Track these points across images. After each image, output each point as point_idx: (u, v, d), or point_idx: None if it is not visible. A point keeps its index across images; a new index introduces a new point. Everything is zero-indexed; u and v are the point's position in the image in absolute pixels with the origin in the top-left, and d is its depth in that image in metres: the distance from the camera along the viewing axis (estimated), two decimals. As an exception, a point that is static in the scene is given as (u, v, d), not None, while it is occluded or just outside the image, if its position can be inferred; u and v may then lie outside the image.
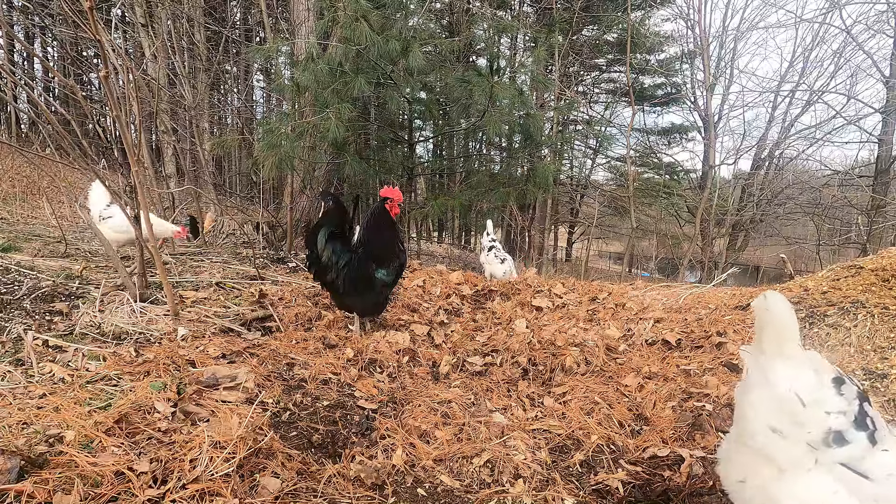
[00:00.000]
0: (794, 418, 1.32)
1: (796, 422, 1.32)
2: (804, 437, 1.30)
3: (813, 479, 1.29)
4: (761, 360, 1.42)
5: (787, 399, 1.33)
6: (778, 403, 1.34)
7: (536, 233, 14.05)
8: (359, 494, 1.82)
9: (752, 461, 1.41)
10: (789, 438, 1.32)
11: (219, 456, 1.75)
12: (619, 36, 15.77)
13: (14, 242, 4.69)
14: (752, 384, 1.43)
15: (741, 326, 3.46)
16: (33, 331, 2.70)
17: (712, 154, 13.21)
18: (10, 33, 9.53)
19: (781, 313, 1.37)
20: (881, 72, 13.53)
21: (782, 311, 1.37)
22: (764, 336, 1.41)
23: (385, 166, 7.80)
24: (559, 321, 3.75)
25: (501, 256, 4.93)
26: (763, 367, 1.40)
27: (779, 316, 1.37)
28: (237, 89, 15.99)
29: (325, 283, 3.34)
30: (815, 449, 1.29)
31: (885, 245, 10.11)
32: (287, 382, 2.59)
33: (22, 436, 1.74)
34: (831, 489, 1.27)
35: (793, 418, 1.32)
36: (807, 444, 1.30)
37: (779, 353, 1.38)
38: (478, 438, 2.24)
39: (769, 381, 1.37)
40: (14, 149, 8.69)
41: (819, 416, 1.29)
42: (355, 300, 3.33)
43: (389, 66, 6.70)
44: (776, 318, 1.37)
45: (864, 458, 1.26)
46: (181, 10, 9.35)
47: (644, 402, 2.62)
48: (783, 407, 1.33)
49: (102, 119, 9.86)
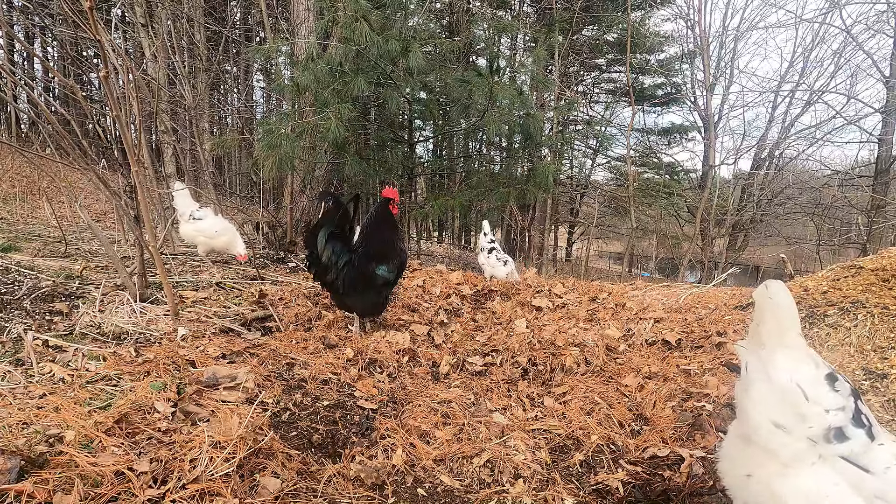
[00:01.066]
0: (796, 410, 1.32)
1: (799, 414, 1.32)
2: (806, 431, 1.31)
3: (816, 473, 1.30)
4: (761, 354, 1.40)
5: (790, 391, 1.32)
6: (780, 395, 1.34)
7: (536, 233, 14.05)
8: (359, 494, 1.82)
9: (755, 457, 1.40)
10: (792, 434, 1.32)
11: (219, 456, 1.75)
12: (619, 36, 15.76)
13: (14, 242, 4.69)
14: (752, 380, 1.42)
15: (741, 326, 3.46)
16: (33, 331, 2.70)
17: (712, 154, 13.21)
18: (10, 33, 9.52)
19: (784, 301, 1.36)
20: (881, 72, 13.52)
21: (784, 299, 1.36)
22: (764, 326, 1.40)
23: (385, 166, 7.80)
24: (559, 321, 3.75)
25: (504, 258, 4.97)
26: (763, 361, 1.39)
27: (781, 304, 1.36)
28: (237, 89, 15.98)
29: (325, 283, 3.34)
30: (815, 444, 1.30)
31: (885, 245, 10.11)
32: (287, 382, 2.60)
33: (22, 436, 1.74)
34: (832, 481, 1.28)
35: (795, 410, 1.32)
36: (808, 438, 1.30)
37: (780, 342, 1.37)
38: (478, 438, 2.24)
39: (769, 375, 1.36)
40: (14, 149, 8.69)
41: (820, 411, 1.30)
42: (355, 300, 3.33)
43: (389, 66, 6.69)
44: (778, 305, 1.36)
45: (864, 452, 1.28)
46: (181, 10, 9.34)
47: (644, 402, 2.62)
48: (786, 398, 1.33)
49: (102, 119, 9.86)
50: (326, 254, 3.21)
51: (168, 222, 4.86)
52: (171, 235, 5.43)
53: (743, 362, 1.47)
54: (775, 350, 1.38)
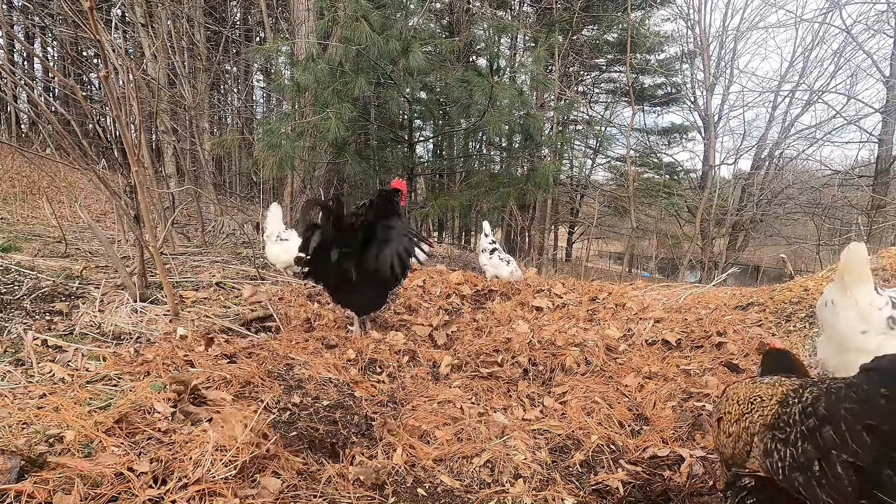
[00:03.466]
0: (870, 316, 2.14)
1: (872, 320, 2.14)
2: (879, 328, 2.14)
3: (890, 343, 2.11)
4: (847, 292, 2.17)
5: (868, 310, 2.15)
6: (862, 314, 2.15)
7: (536, 233, 14.04)
8: (359, 494, 1.82)
9: (849, 355, 2.17)
10: (870, 332, 2.15)
11: (219, 456, 1.75)
12: (619, 36, 15.75)
13: (14, 242, 4.69)
14: (841, 307, 2.20)
15: (741, 326, 3.47)
16: (33, 331, 2.70)
17: (712, 154, 13.21)
18: (10, 33, 9.52)
19: (862, 257, 2.14)
20: (881, 72, 13.54)
21: (862, 256, 2.13)
22: (848, 274, 2.15)
23: (385, 166, 7.79)
24: (559, 321, 3.75)
25: (506, 259, 5.02)
26: (848, 295, 2.17)
27: (860, 258, 2.14)
28: (237, 89, 15.97)
29: (324, 283, 3.33)
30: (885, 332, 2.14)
31: (886, 245, 10.10)
32: (287, 382, 2.60)
33: (22, 436, 1.75)
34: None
35: (870, 317, 2.14)
36: (881, 332, 2.14)
37: (859, 282, 2.14)
38: (478, 438, 2.24)
39: (855, 302, 2.15)
40: (14, 149, 8.69)
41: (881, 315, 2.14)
42: (352, 297, 3.33)
43: (389, 66, 6.70)
44: (859, 260, 2.14)
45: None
46: (181, 10, 9.34)
47: (644, 402, 2.62)
48: (866, 315, 2.15)
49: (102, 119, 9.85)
50: (319, 254, 3.12)
51: (168, 222, 4.86)
52: (171, 235, 5.43)
53: (828, 300, 2.26)
54: (857, 286, 2.14)
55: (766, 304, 3.75)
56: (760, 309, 3.72)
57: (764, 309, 3.71)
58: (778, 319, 3.51)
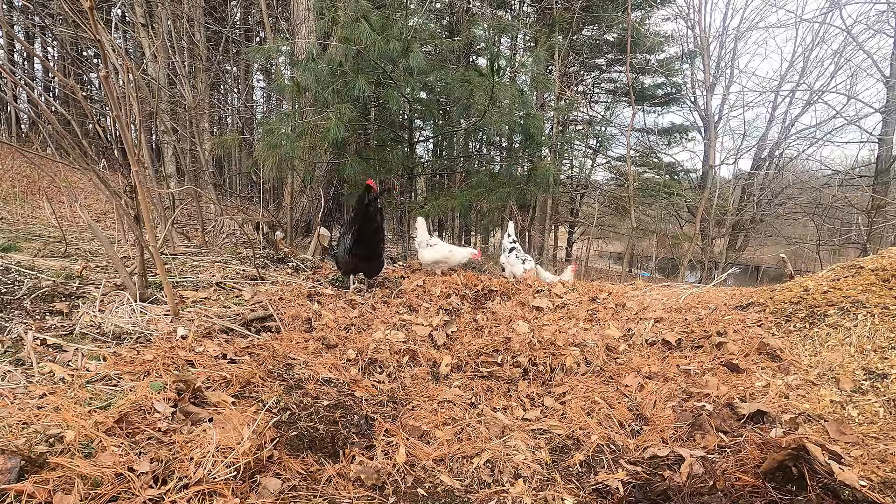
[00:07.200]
0: None
1: None
2: None
3: None
4: None
5: None
6: None
7: (536, 233, 14.05)
8: (359, 494, 1.82)
9: None
10: None
11: (219, 456, 1.75)
12: (619, 36, 15.76)
13: (14, 242, 4.69)
14: None
15: (741, 326, 3.46)
16: (33, 331, 2.70)
17: (712, 154, 13.20)
18: (10, 33, 9.53)
19: None
20: (881, 72, 13.53)
21: None
22: None
23: (385, 166, 7.79)
24: (559, 321, 3.75)
25: (523, 257, 5.26)
26: None
27: None
28: (237, 89, 15.97)
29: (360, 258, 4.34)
30: None
31: (885, 245, 10.11)
32: (287, 382, 2.59)
33: (22, 436, 1.74)
34: None
35: None
36: None
37: None
38: (478, 438, 2.24)
39: None
40: (14, 149, 8.69)
41: None
42: (372, 265, 4.44)
43: (390, 66, 6.69)
44: None
45: None
46: (181, 10, 9.34)
47: (644, 402, 2.62)
48: None
49: (102, 119, 9.87)
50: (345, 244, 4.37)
51: (168, 222, 4.86)
52: (171, 235, 5.43)
53: None
54: None
55: (766, 304, 3.75)
56: (760, 309, 3.72)
57: (764, 309, 3.70)
58: (778, 319, 3.51)
